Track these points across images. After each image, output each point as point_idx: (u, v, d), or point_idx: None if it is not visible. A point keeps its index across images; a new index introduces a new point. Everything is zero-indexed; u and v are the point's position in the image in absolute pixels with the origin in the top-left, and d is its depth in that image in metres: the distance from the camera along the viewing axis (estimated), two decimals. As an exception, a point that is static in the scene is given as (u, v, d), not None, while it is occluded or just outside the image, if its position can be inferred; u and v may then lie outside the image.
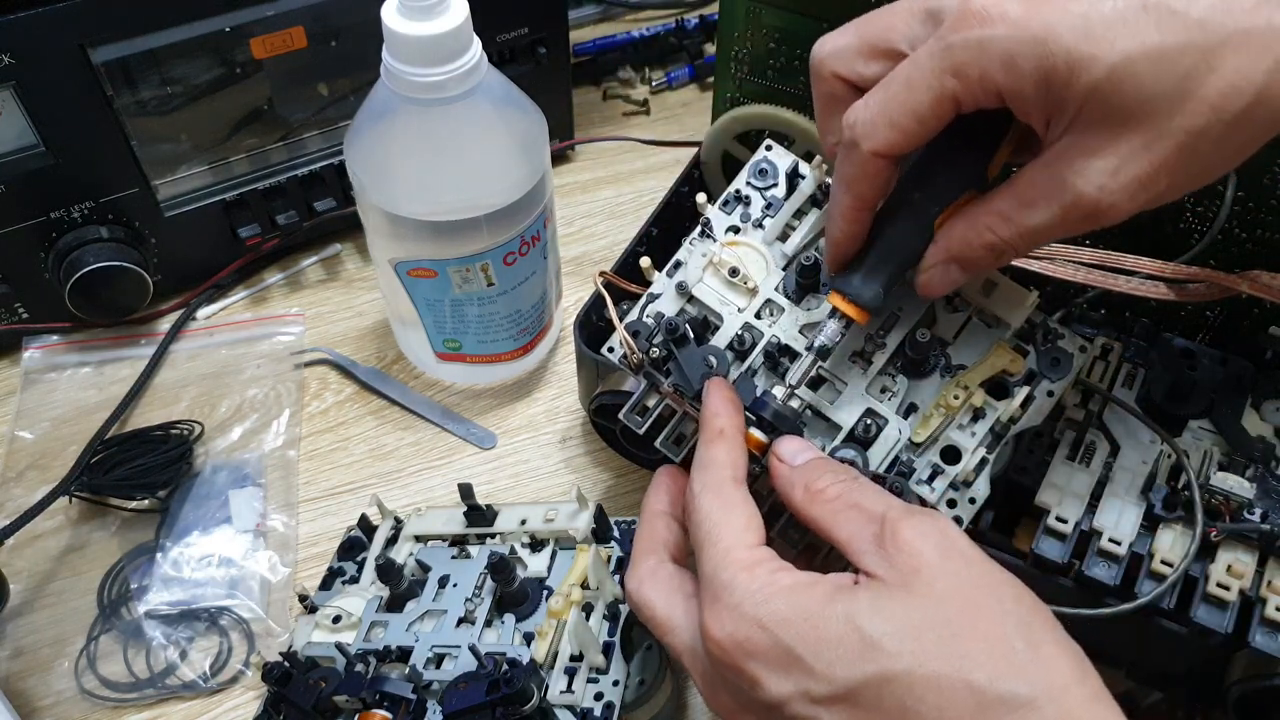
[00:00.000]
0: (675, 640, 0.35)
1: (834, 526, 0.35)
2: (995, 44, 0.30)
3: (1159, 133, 0.30)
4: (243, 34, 0.55)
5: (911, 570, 0.32)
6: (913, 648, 0.30)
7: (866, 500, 0.35)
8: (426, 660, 0.43)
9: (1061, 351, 0.41)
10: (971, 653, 0.30)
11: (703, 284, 0.43)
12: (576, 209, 0.71)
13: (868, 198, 0.36)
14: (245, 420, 0.59)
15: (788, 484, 0.37)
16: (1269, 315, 0.48)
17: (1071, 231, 0.33)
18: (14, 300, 0.59)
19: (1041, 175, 0.32)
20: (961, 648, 0.30)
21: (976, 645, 0.30)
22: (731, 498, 0.36)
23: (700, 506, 0.36)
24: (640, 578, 0.37)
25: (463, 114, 0.47)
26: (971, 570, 0.32)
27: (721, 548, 0.34)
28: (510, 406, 0.60)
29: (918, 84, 0.32)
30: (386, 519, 0.51)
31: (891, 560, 0.32)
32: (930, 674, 0.29)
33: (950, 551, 0.32)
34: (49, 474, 0.56)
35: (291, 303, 0.65)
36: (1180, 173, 0.31)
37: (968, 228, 0.35)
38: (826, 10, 0.50)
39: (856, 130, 0.34)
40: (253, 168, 0.62)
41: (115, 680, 0.49)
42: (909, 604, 0.31)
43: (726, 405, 0.39)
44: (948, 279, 0.36)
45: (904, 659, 0.30)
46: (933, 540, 0.32)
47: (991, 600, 0.31)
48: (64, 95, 0.52)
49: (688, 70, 0.80)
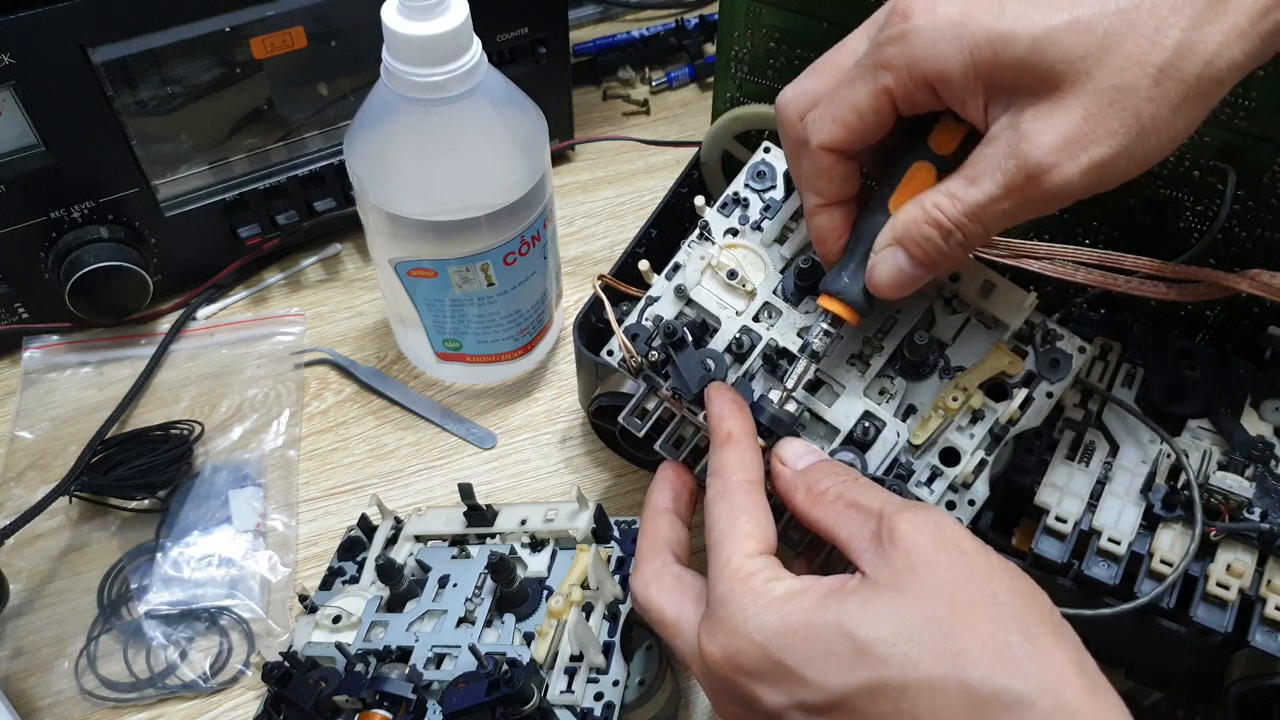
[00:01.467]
0: (683, 644, 0.36)
1: (834, 528, 0.35)
2: (918, 34, 0.32)
3: (1090, 89, 0.31)
4: (243, 34, 0.55)
5: (906, 568, 0.32)
6: (905, 650, 0.30)
7: (864, 498, 0.35)
8: (426, 660, 0.43)
9: (1060, 353, 0.41)
10: (965, 650, 0.30)
11: (701, 287, 0.43)
12: (576, 209, 0.71)
13: (828, 193, 0.37)
14: (245, 420, 0.59)
15: (790, 487, 0.37)
16: (1269, 315, 0.48)
17: (1024, 209, 0.33)
18: (14, 300, 0.59)
19: (983, 151, 0.33)
20: (955, 645, 0.30)
21: (970, 642, 0.30)
22: (739, 504, 0.36)
23: (710, 513, 0.36)
24: (646, 580, 0.38)
25: (463, 114, 0.47)
26: (967, 562, 0.32)
27: (722, 559, 0.34)
28: (510, 406, 0.60)
29: (855, 81, 0.34)
30: (386, 519, 0.51)
31: (888, 558, 0.32)
32: (923, 677, 0.29)
33: (945, 544, 0.32)
34: (49, 474, 0.56)
35: (291, 303, 0.65)
36: (1122, 135, 0.31)
37: (914, 207, 0.35)
38: (826, 10, 0.50)
39: (807, 128, 0.36)
40: (253, 168, 0.62)
41: (115, 680, 0.49)
42: (900, 604, 0.31)
43: (731, 407, 0.39)
44: (895, 266, 0.36)
45: (896, 664, 0.30)
46: (927, 533, 0.32)
47: (986, 593, 0.31)
48: (64, 95, 0.52)
49: (688, 70, 0.80)
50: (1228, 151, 0.45)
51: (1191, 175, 0.46)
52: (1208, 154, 0.45)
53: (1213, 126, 0.44)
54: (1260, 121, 0.43)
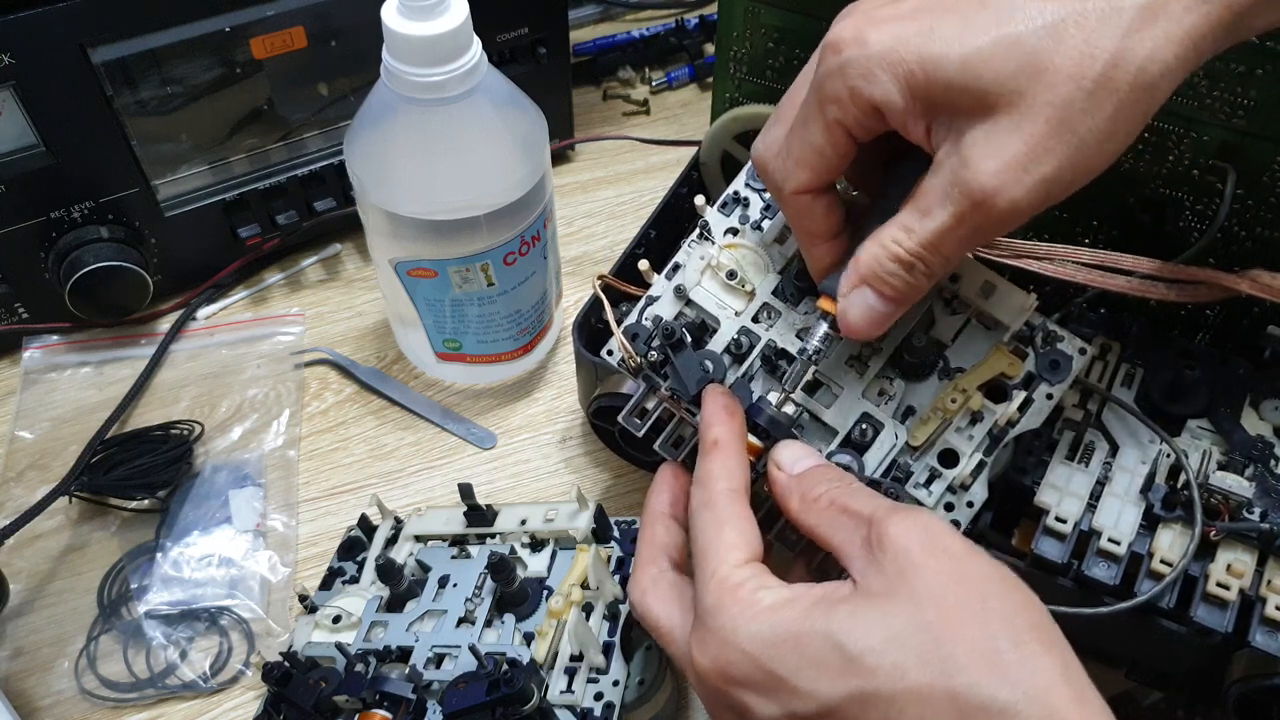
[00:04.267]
0: (678, 651, 0.36)
1: (828, 535, 0.35)
2: (853, 65, 0.33)
3: (1026, 109, 0.31)
4: (243, 34, 0.55)
5: (896, 572, 0.32)
6: (893, 659, 0.30)
7: (855, 504, 0.35)
8: (426, 660, 0.43)
9: (1060, 354, 0.41)
10: (953, 656, 0.30)
11: (700, 287, 0.43)
12: (576, 209, 0.71)
13: (819, 230, 0.38)
14: (245, 420, 0.59)
15: (785, 492, 0.37)
16: (1268, 315, 0.48)
17: (980, 234, 0.33)
18: (14, 300, 0.59)
19: (931, 180, 0.33)
20: (943, 652, 0.30)
21: (958, 648, 0.30)
22: (723, 513, 0.36)
23: (695, 523, 0.36)
24: (643, 588, 0.38)
25: (463, 114, 0.47)
26: (956, 565, 0.32)
27: (709, 569, 0.34)
28: (510, 406, 0.60)
29: (807, 122, 0.35)
30: (386, 519, 0.51)
31: (878, 564, 0.32)
32: (911, 686, 0.29)
33: (934, 548, 0.32)
34: (49, 474, 0.56)
35: (291, 303, 0.65)
36: (1063, 150, 0.31)
37: (874, 244, 0.35)
38: (826, 10, 0.50)
39: (775, 178, 0.37)
40: (253, 168, 0.62)
41: (115, 680, 0.49)
42: (889, 612, 0.31)
43: (722, 414, 0.39)
44: (865, 305, 0.36)
45: (884, 673, 0.30)
46: (916, 537, 0.32)
47: (976, 599, 0.31)
48: (64, 95, 0.52)
49: (688, 70, 0.80)
50: (1227, 150, 0.45)
51: (1191, 174, 0.46)
52: (1207, 153, 0.45)
53: (1212, 126, 0.44)
54: (1259, 120, 0.43)
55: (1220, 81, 0.43)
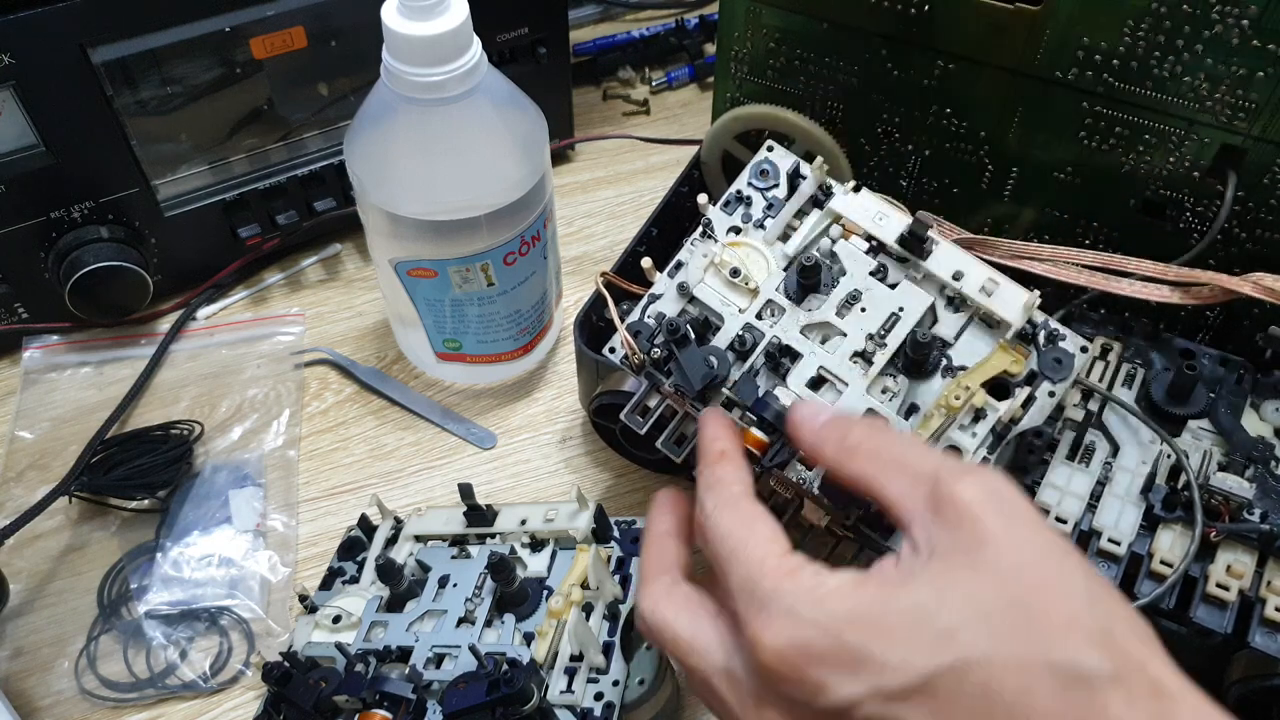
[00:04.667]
0: (702, 661, 0.33)
1: (880, 485, 0.33)
2: None
3: None
4: (243, 34, 0.55)
5: (975, 542, 0.30)
6: (989, 630, 0.29)
7: (913, 457, 0.33)
8: (426, 660, 0.43)
9: (1063, 352, 0.41)
10: (1049, 631, 0.28)
11: (704, 284, 0.43)
12: (576, 209, 0.71)
13: None
14: (245, 420, 0.59)
15: (817, 442, 0.35)
16: (1269, 315, 0.48)
17: None
18: (14, 300, 0.59)
19: None
20: (1038, 626, 0.29)
21: (1053, 623, 0.29)
22: (750, 511, 0.34)
23: (719, 524, 0.34)
24: (655, 597, 0.35)
25: (463, 114, 0.47)
26: (1038, 539, 0.30)
27: (755, 559, 0.32)
28: (510, 406, 0.60)
29: None
30: (386, 519, 0.51)
31: (952, 531, 0.30)
32: (1010, 657, 0.28)
33: (1015, 518, 0.31)
34: (49, 474, 0.56)
35: (291, 303, 0.65)
36: None
37: None
38: (826, 10, 0.50)
39: None
40: (253, 168, 0.62)
41: (115, 680, 0.49)
42: (977, 583, 0.29)
43: (725, 429, 0.38)
44: None
45: (981, 644, 0.28)
46: (993, 506, 0.30)
47: (1061, 573, 0.30)
48: (64, 95, 0.52)
49: (688, 70, 0.80)
50: (1228, 153, 0.45)
51: (1192, 177, 0.46)
52: (1208, 155, 0.45)
53: (1213, 128, 0.44)
54: (1260, 123, 0.43)
55: (1221, 84, 0.43)
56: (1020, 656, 0.28)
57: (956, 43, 0.47)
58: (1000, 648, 0.28)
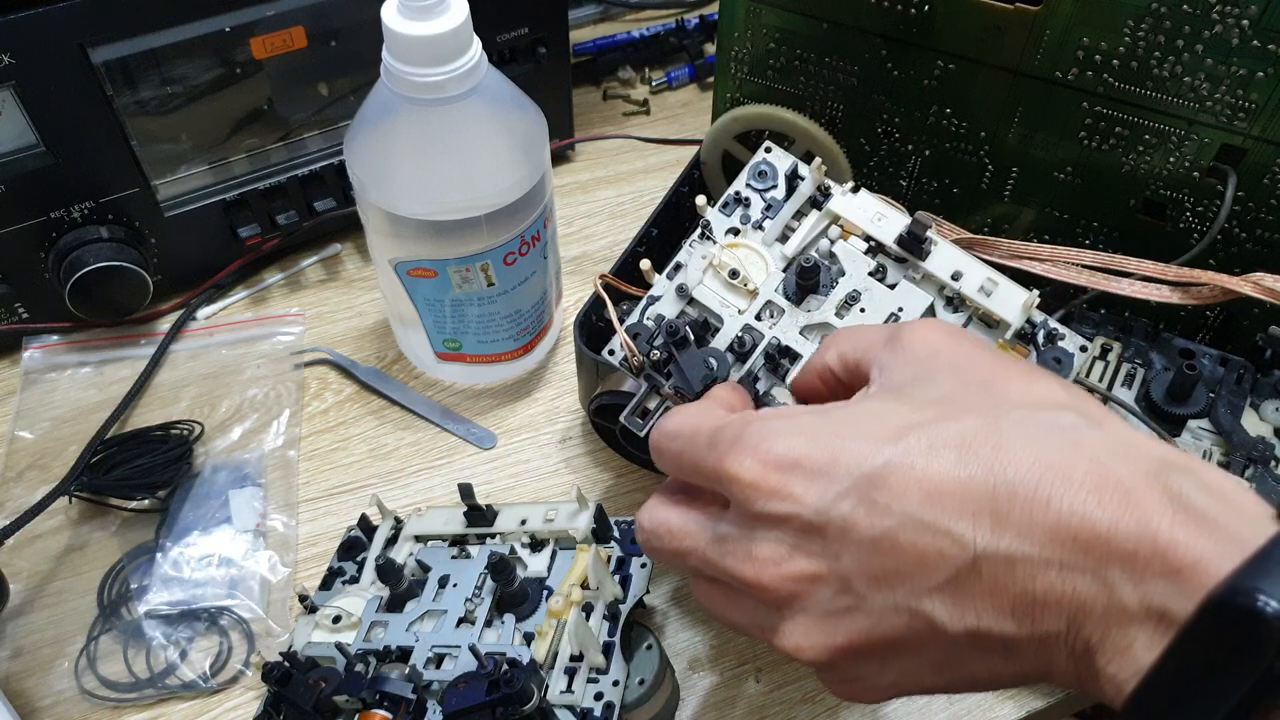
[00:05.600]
0: (692, 540, 0.33)
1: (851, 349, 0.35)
2: None
3: None
4: (243, 34, 0.55)
5: (929, 354, 0.32)
6: (950, 407, 0.30)
7: (876, 328, 0.35)
8: (426, 660, 0.43)
9: (1062, 352, 0.41)
10: (1008, 395, 0.30)
11: (703, 286, 0.43)
12: (576, 209, 0.71)
13: None
14: (245, 420, 0.59)
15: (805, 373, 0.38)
16: (1269, 315, 0.48)
17: None
18: (14, 300, 0.59)
19: None
20: (997, 393, 0.30)
21: (1011, 390, 0.30)
22: (697, 405, 0.36)
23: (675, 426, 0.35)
24: (649, 506, 0.36)
25: (463, 114, 0.47)
26: (985, 347, 0.33)
27: (715, 422, 0.33)
28: (510, 406, 0.60)
29: None
30: (386, 519, 0.51)
31: (905, 352, 0.33)
32: (987, 412, 0.29)
33: (959, 334, 0.33)
34: (49, 474, 0.56)
35: (291, 303, 0.65)
36: None
37: None
38: (826, 10, 0.50)
39: None
40: (253, 168, 0.62)
41: (115, 680, 0.49)
42: (931, 381, 0.31)
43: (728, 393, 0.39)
44: None
45: (943, 416, 0.30)
46: (941, 329, 0.33)
47: (1015, 363, 0.32)
48: (64, 95, 0.52)
49: (688, 70, 0.80)
50: (1228, 153, 0.45)
51: (1192, 176, 0.46)
52: (1208, 155, 0.45)
53: (1213, 128, 0.44)
54: (1260, 123, 0.43)
55: (1221, 84, 0.43)
56: (997, 411, 0.29)
57: (956, 43, 0.47)
58: (964, 414, 0.29)
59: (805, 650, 0.31)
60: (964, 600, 0.28)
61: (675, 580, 0.52)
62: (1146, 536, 0.26)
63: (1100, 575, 0.26)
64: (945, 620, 0.28)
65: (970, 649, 0.28)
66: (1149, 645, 0.25)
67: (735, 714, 0.48)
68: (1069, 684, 0.28)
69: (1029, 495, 0.27)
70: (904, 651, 0.30)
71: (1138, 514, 0.26)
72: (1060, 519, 0.26)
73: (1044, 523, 0.27)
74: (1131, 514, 0.26)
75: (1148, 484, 0.27)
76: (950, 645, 0.29)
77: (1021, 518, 0.27)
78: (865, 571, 0.29)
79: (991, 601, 0.27)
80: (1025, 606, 0.27)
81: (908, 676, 0.30)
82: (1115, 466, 0.27)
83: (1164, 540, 0.25)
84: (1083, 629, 0.26)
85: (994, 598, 0.27)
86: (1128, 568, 0.26)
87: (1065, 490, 0.27)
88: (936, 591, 0.28)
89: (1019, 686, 0.43)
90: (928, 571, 0.28)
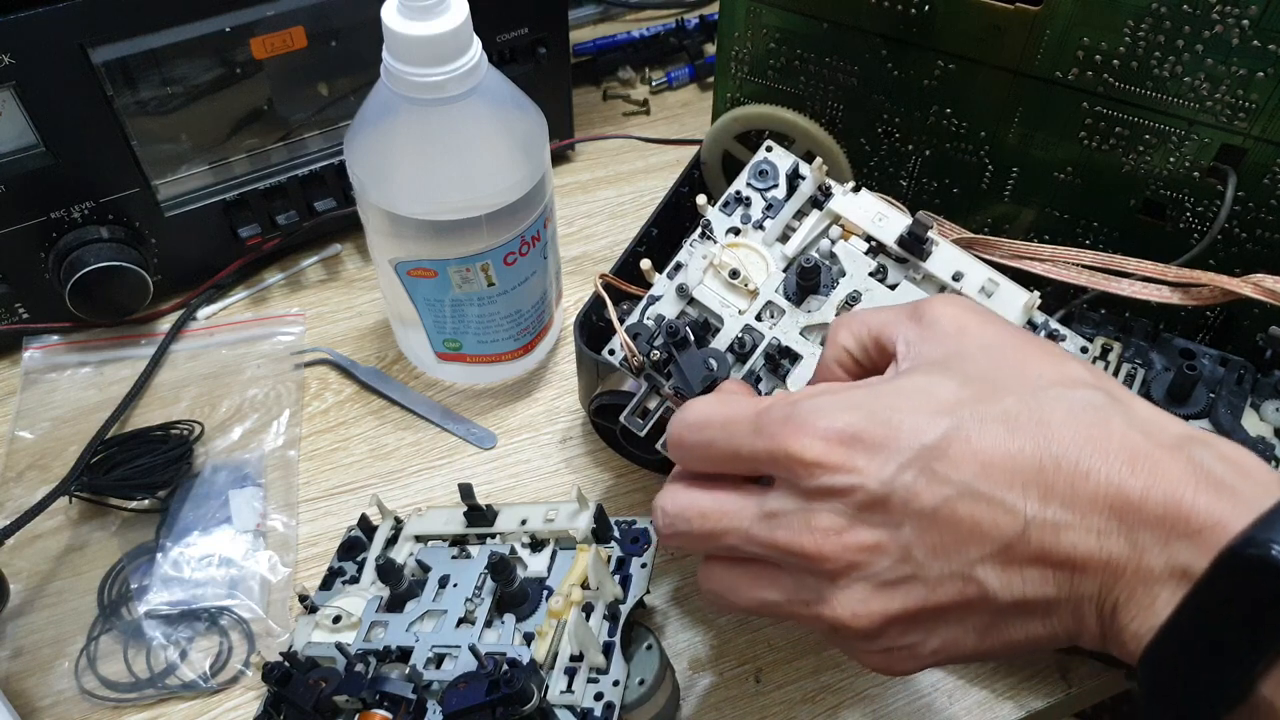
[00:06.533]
0: (735, 519, 0.33)
1: (869, 328, 0.35)
2: None
3: None
4: (243, 34, 0.55)
5: (958, 330, 0.33)
6: (989, 385, 0.31)
7: (872, 310, 0.36)
8: (426, 660, 0.43)
9: (1061, 352, 0.41)
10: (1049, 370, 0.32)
11: (703, 286, 0.43)
12: (576, 209, 0.71)
13: None
14: (245, 420, 0.59)
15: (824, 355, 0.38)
16: (1269, 315, 0.48)
17: None
18: (14, 300, 0.59)
19: None
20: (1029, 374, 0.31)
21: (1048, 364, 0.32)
22: (719, 396, 0.36)
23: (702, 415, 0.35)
24: (669, 492, 0.36)
25: (463, 114, 0.47)
26: (1006, 324, 0.34)
27: (752, 408, 0.33)
28: (510, 406, 0.60)
29: None
30: (386, 519, 0.51)
31: (931, 329, 0.33)
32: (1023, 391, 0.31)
33: (982, 311, 0.34)
34: (49, 474, 0.56)
35: (291, 303, 0.65)
36: None
37: None
38: (826, 10, 0.50)
39: None
40: (253, 168, 0.62)
41: (115, 680, 0.49)
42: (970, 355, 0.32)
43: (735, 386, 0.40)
44: None
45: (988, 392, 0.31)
46: (965, 306, 0.34)
47: (1040, 344, 0.33)
48: (64, 95, 0.52)
49: (688, 70, 0.80)
50: (1228, 153, 0.45)
51: (1192, 177, 0.46)
52: (1208, 155, 0.45)
53: (1213, 128, 0.44)
54: (1260, 123, 0.43)
55: (1221, 84, 0.43)
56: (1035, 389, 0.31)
57: (956, 43, 0.47)
58: (1001, 395, 0.31)
59: (860, 618, 0.31)
60: (1013, 567, 0.29)
61: (675, 580, 0.52)
62: (1173, 503, 0.28)
63: (1132, 539, 0.28)
64: (996, 586, 0.30)
65: (1014, 613, 0.30)
66: (1169, 601, 0.28)
67: (735, 714, 0.48)
68: (1094, 644, 0.30)
69: (1071, 467, 0.29)
70: (952, 619, 0.31)
71: (1165, 483, 0.28)
72: (1099, 489, 0.29)
73: (1085, 492, 0.29)
74: (1160, 483, 0.28)
75: (1173, 456, 0.29)
76: (996, 610, 0.30)
77: (1065, 488, 0.29)
78: (925, 540, 0.30)
79: (1037, 567, 0.29)
80: (1066, 571, 0.29)
81: (951, 643, 0.31)
82: (1144, 441, 0.29)
83: (1188, 506, 0.28)
84: (1113, 590, 0.28)
85: (1040, 563, 0.29)
86: (1157, 532, 0.28)
87: (1103, 462, 0.29)
88: (989, 559, 0.30)
89: (1047, 649, 0.45)
90: (983, 540, 0.29)
